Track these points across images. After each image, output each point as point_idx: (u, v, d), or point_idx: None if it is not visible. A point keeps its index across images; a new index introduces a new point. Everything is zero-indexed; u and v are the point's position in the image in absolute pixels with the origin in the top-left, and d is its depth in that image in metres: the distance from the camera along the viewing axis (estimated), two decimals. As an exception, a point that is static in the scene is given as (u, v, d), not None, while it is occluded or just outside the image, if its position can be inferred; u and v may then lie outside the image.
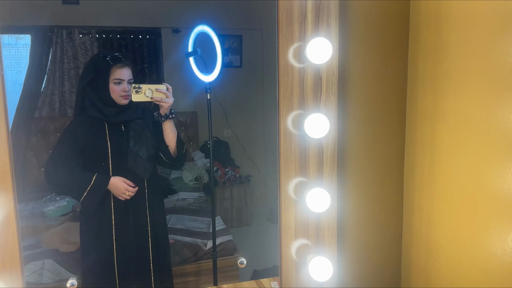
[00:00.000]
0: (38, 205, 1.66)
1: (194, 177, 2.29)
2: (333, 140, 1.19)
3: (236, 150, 2.31)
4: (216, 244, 1.53)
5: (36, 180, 1.97)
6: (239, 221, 2.33)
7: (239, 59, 2.40)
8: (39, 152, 1.98)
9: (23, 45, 2.12)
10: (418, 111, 1.36)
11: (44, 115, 2.03)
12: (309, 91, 1.15)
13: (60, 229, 1.49)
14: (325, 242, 1.22)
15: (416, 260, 1.40)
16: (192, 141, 2.33)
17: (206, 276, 1.56)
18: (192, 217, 1.88)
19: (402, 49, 1.40)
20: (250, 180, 2.32)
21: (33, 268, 1.38)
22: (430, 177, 1.30)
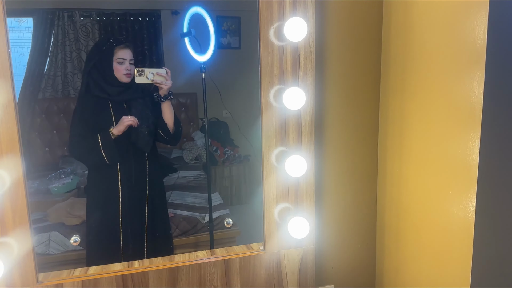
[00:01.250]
0: (43, 183, 1.72)
1: (194, 157, 2.36)
2: (311, 112, 1.26)
3: (235, 130, 2.37)
4: (213, 218, 1.62)
5: (41, 159, 2.04)
6: (238, 199, 2.40)
7: (237, 41, 2.44)
8: (43, 132, 2.05)
9: (26, 28, 2.18)
10: (390, 85, 1.43)
11: (47, 96, 2.09)
12: (288, 67, 1.22)
13: (65, 204, 1.57)
14: (304, 205, 1.31)
15: (389, 222, 1.49)
16: (192, 121, 2.38)
17: (204, 247, 1.63)
18: (192, 193, 1.95)
19: (376, 27, 1.46)
20: (249, 159, 2.39)
21: (40, 239, 1.46)
22: (400, 145, 1.39)
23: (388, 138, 1.48)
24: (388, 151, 1.48)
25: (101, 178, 1.46)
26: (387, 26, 1.44)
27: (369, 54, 1.49)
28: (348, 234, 1.60)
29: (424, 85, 1.25)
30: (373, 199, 1.59)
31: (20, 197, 1.11)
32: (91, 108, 1.40)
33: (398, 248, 1.46)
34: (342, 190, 1.56)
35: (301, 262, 1.37)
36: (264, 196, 1.29)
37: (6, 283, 1.14)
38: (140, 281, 1.24)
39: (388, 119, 1.47)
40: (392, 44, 1.41)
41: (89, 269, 1.27)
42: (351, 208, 1.58)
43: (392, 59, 1.42)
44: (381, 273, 1.61)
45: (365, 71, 1.49)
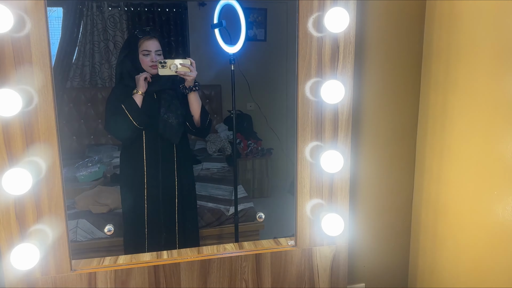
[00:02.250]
0: (71, 171, 1.74)
1: (218, 149, 2.36)
2: (348, 106, 1.23)
3: (259, 123, 2.35)
4: (238, 210, 1.61)
5: (69, 148, 2.06)
6: (260, 192, 2.39)
7: (263, 33, 2.41)
8: (71, 121, 2.07)
9: (55, 17, 2.19)
10: (431, 80, 1.38)
11: (75, 86, 2.11)
12: (327, 59, 1.19)
13: (92, 192, 1.59)
14: (338, 201, 1.28)
15: (425, 221, 1.46)
16: (216, 113, 2.38)
17: (228, 239, 1.64)
18: (216, 185, 1.95)
19: (419, 20, 1.41)
20: (272, 153, 2.37)
21: (68, 226, 1.48)
22: (440, 142, 1.34)
23: (428, 134, 1.43)
24: (427, 148, 1.43)
25: (129, 167, 1.46)
26: (430, 19, 1.38)
27: (410, 47, 1.44)
28: (381, 233, 1.57)
29: (469, 80, 1.20)
30: (409, 197, 1.56)
31: (56, 185, 1.11)
32: (122, 96, 1.40)
33: (434, 249, 1.42)
34: (377, 187, 1.52)
35: (333, 260, 1.35)
36: (297, 192, 1.27)
37: (41, 271, 1.15)
38: (172, 272, 1.24)
39: (429, 115, 1.42)
40: (435, 37, 1.36)
41: (119, 258, 1.27)
42: (386, 206, 1.55)
43: (435, 52, 1.37)
44: (414, 274, 1.58)
45: (406, 64, 1.45)
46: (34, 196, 1.11)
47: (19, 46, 1.05)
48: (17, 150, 1.08)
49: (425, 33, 1.41)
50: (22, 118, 1.08)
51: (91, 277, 1.19)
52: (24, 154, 1.09)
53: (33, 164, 1.08)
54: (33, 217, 1.11)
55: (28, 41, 1.05)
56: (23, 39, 1.05)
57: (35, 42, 1.06)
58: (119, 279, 1.21)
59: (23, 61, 1.05)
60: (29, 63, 1.06)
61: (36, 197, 1.11)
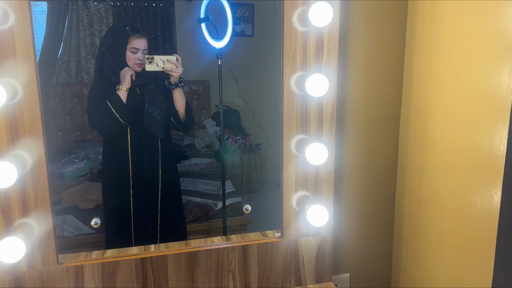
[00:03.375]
0: (57, 167, 1.72)
1: (206, 144, 2.36)
2: (333, 99, 1.25)
3: (247, 119, 2.36)
4: (226, 205, 1.62)
5: (55, 144, 2.04)
6: (249, 188, 2.40)
7: (251, 28, 2.42)
8: (56, 117, 2.05)
9: (40, 12, 2.16)
10: (414, 74, 1.41)
11: (61, 81, 2.09)
12: (311, 53, 1.20)
13: (79, 188, 1.58)
14: (323, 193, 1.30)
15: (408, 212, 1.49)
16: (204, 109, 2.37)
17: (216, 234, 1.64)
18: (204, 181, 1.95)
19: (401, 16, 1.44)
20: (260, 148, 2.38)
21: (55, 222, 1.47)
22: (422, 135, 1.37)
23: (411, 126, 1.46)
24: (410, 140, 1.46)
25: (113, 162, 1.46)
26: (413, 12, 1.41)
27: (393, 41, 1.46)
28: (365, 223, 1.60)
29: (450, 73, 1.23)
30: (392, 188, 1.59)
31: (42, 179, 1.11)
32: (105, 91, 1.39)
33: (417, 239, 1.46)
34: (361, 178, 1.55)
35: (318, 250, 1.37)
36: (283, 184, 1.28)
37: (27, 264, 1.15)
38: (159, 264, 1.24)
39: (411, 107, 1.45)
40: (417, 31, 1.39)
41: (106, 252, 1.27)
42: (370, 197, 1.58)
43: (417, 46, 1.39)
44: (398, 263, 1.61)
45: (389, 58, 1.47)
46: (20, 189, 1.10)
47: (2, 39, 1.04)
48: (2, 144, 1.08)
49: (407, 29, 1.44)
50: (6, 111, 1.07)
51: (78, 270, 1.20)
52: (9, 147, 1.08)
53: (18, 158, 1.07)
54: (19, 211, 1.11)
55: (11, 34, 1.05)
56: (7, 32, 1.04)
57: (19, 35, 1.05)
58: (106, 272, 1.22)
59: (7, 54, 1.05)
60: (13, 56, 1.05)
61: (21, 190, 1.11)
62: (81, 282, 1.20)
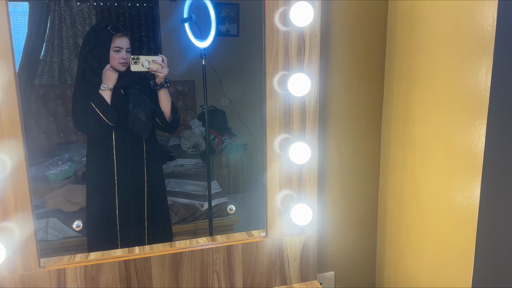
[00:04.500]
0: (40, 169, 1.69)
1: (192, 145, 2.35)
2: (315, 98, 1.25)
3: (233, 119, 2.36)
4: (212, 205, 1.61)
5: (37, 146, 2.01)
6: (236, 188, 2.40)
7: (236, 28, 2.42)
8: (39, 119, 2.02)
9: (21, 12, 2.13)
10: (394, 74, 1.43)
11: (43, 83, 2.06)
12: (293, 53, 1.21)
13: (63, 190, 1.56)
14: (307, 192, 1.31)
15: (391, 209, 1.50)
16: (189, 109, 2.37)
17: (203, 235, 1.64)
18: (190, 181, 1.94)
19: (382, 16, 1.46)
20: (246, 148, 2.38)
21: (38, 226, 1.40)
22: (404, 134, 1.39)
23: (392, 125, 1.48)
24: (392, 139, 1.48)
25: (98, 164, 1.45)
26: (393, 13, 1.43)
27: (374, 40, 1.48)
28: (349, 222, 1.61)
29: (430, 72, 1.25)
30: (375, 187, 1.60)
31: (22, 182, 1.10)
32: (88, 93, 1.38)
33: (400, 236, 1.47)
34: (345, 177, 1.56)
35: (303, 249, 1.38)
36: (267, 183, 1.29)
37: (8, 269, 1.13)
38: (143, 266, 1.24)
39: (392, 107, 1.47)
40: (398, 31, 1.40)
41: (89, 255, 1.26)
42: (353, 195, 1.59)
43: (398, 46, 1.41)
44: (382, 261, 1.63)
45: (370, 58, 1.49)
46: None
47: (-23, 40, 1.02)
48: (-20, 147, 1.06)
49: (388, 29, 1.46)
50: (-16, 114, 1.05)
51: (60, 274, 1.18)
52: (-13, 150, 1.07)
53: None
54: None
55: (-13, 35, 1.03)
56: (-18, 33, 1.03)
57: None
58: (89, 275, 1.20)
59: (-16, 55, 1.03)
60: (-10, 57, 1.04)
61: (1, 194, 1.09)
62: (63, 285, 1.19)
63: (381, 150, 1.56)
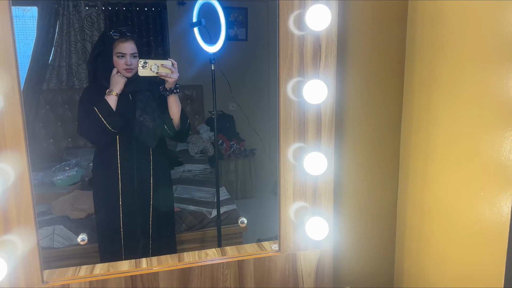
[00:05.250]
0: (47, 175, 1.70)
1: (200, 150, 2.32)
2: (331, 106, 1.19)
3: (241, 123, 2.32)
4: (220, 213, 1.57)
5: (45, 151, 2.00)
6: (244, 193, 2.36)
7: (244, 32, 2.38)
8: (47, 123, 2.01)
9: (30, 17, 2.12)
10: (415, 78, 1.36)
11: (52, 87, 2.05)
12: (309, 58, 1.15)
13: (70, 197, 1.54)
14: (322, 204, 1.25)
15: (410, 223, 1.43)
16: (197, 114, 2.34)
17: (211, 242, 1.61)
18: (198, 188, 1.90)
19: (401, 18, 1.39)
20: (254, 153, 2.34)
21: (44, 233, 1.43)
22: (425, 143, 1.32)
23: (412, 134, 1.41)
24: (411, 149, 1.41)
25: (103, 172, 1.41)
26: (413, 18, 1.36)
27: (393, 45, 1.41)
28: (366, 235, 1.54)
29: (453, 78, 1.18)
30: (394, 198, 1.53)
31: (25, 193, 1.05)
32: (94, 98, 1.34)
33: (420, 251, 1.40)
34: (361, 189, 1.50)
35: (318, 264, 1.32)
36: (280, 195, 1.23)
37: (10, 283, 1.08)
38: (150, 282, 1.18)
39: (413, 115, 1.40)
40: (418, 36, 1.33)
41: (95, 268, 1.21)
42: (370, 207, 1.53)
43: (418, 50, 1.34)
44: (400, 276, 1.56)
45: (389, 63, 1.42)
46: (1, 205, 1.04)
47: (-20, 45, 0.98)
48: (-19, 157, 1.01)
49: (407, 31, 1.39)
50: (-15, 123, 1.01)
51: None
52: (-11, 160, 1.02)
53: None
54: (0, 227, 1.05)
55: (-10, 40, 0.99)
56: (-17, 38, 0.98)
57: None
58: (95, 291, 1.15)
59: (-15, 62, 0.99)
60: (-8, 64, 0.99)
61: (3, 206, 1.05)
62: (68, 301, 1.14)
63: (400, 160, 1.49)
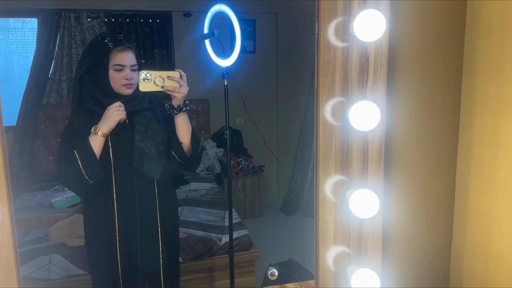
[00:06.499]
0: (46, 195, 1.61)
1: (206, 167, 2.21)
2: (381, 133, 1.00)
3: (249, 139, 2.22)
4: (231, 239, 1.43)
5: (44, 169, 1.90)
6: (252, 213, 2.25)
7: (252, 44, 2.29)
8: (47, 139, 1.91)
9: (30, 29, 2.04)
10: (476, 100, 1.14)
11: (52, 102, 1.96)
12: (354, 75, 0.97)
13: (68, 221, 1.42)
14: (368, 252, 1.04)
15: (468, 269, 1.23)
16: (203, 129, 2.24)
17: (221, 272, 1.48)
18: (206, 209, 1.80)
19: (459, 24, 1.17)
20: (263, 170, 2.23)
21: (40, 263, 1.32)
22: (490, 177, 1.12)
23: (473, 166, 1.19)
24: (472, 182, 1.19)
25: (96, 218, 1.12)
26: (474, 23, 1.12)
27: (451, 59, 1.19)
28: (418, 282, 1.33)
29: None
30: (448, 238, 1.28)
31: (6, 247, 0.82)
32: (84, 127, 1.06)
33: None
34: (412, 231, 1.26)
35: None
36: (318, 238, 1.01)
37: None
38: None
39: (473, 142, 1.17)
40: (481, 44, 1.11)
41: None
42: (422, 250, 1.30)
43: (481, 64, 1.12)
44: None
45: (446, 80, 1.20)
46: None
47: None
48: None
49: (465, 40, 1.18)
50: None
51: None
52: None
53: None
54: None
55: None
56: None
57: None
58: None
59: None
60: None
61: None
62: None
63: (456, 195, 1.25)
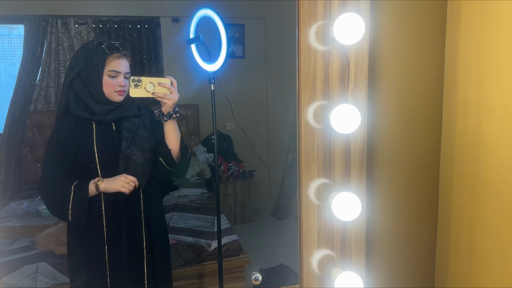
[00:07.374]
0: (33, 203, 1.61)
1: (196, 173, 2.20)
2: (362, 136, 1.02)
3: (239, 144, 2.22)
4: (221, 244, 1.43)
5: (31, 176, 1.88)
6: (243, 218, 2.25)
7: (241, 49, 2.30)
8: (35, 147, 1.90)
9: (17, 35, 2.03)
10: (458, 101, 1.15)
11: (39, 109, 1.94)
12: (335, 79, 0.99)
13: (55, 229, 1.41)
14: (352, 255, 1.05)
15: (453, 272, 1.22)
16: (193, 135, 2.23)
17: (211, 278, 1.48)
18: (195, 215, 1.80)
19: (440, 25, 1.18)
20: (254, 175, 2.23)
21: (26, 272, 1.30)
22: (473, 177, 1.12)
23: (455, 167, 1.19)
24: (455, 184, 1.18)
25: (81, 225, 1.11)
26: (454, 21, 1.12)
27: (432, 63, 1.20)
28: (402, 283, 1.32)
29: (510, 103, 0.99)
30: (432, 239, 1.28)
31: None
32: (69, 133, 1.07)
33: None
34: (395, 236, 1.27)
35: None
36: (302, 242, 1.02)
37: None
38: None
39: (455, 143, 1.17)
40: (461, 45, 1.10)
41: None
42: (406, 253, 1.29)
43: (462, 66, 1.12)
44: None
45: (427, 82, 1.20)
46: None
47: None
48: None
49: (446, 42, 1.18)
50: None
51: None
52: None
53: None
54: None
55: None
56: None
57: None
58: None
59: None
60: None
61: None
62: None
63: (440, 198, 1.25)
